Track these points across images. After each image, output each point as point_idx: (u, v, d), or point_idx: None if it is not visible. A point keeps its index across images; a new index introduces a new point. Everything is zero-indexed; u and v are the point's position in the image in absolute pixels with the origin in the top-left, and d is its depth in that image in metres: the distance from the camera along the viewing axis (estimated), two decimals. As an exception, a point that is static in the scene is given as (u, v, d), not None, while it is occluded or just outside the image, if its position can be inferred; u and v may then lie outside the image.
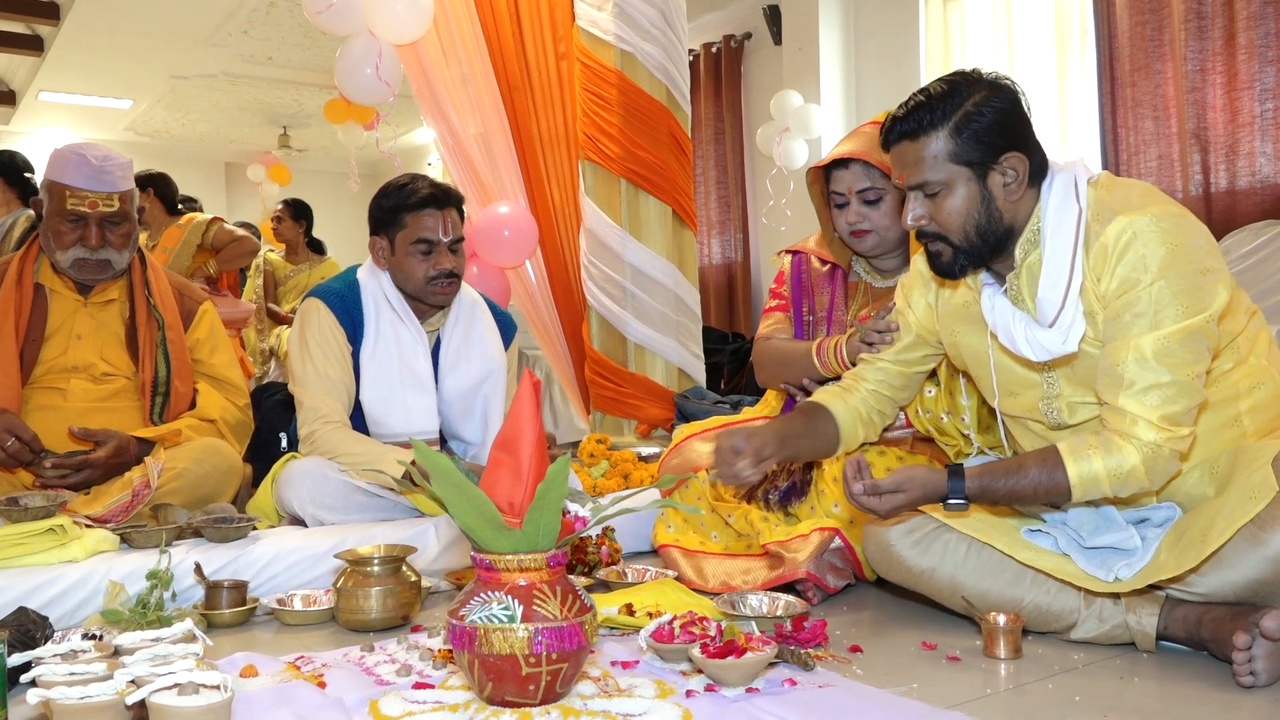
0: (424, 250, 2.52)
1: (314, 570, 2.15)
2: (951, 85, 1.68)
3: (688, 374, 3.98)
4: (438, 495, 1.37)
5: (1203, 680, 1.52)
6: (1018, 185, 1.67)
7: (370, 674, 1.62)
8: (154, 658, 1.44)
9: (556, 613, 1.38)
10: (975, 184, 1.67)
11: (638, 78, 3.87)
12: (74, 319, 2.54)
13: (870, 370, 2.02)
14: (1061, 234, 1.64)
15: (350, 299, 2.57)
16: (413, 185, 2.55)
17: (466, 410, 2.63)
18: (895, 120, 1.71)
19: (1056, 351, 1.65)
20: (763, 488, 2.28)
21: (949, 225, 1.69)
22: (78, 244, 2.48)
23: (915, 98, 1.70)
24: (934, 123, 1.65)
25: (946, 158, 1.66)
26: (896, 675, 1.58)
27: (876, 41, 6.19)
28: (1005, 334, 1.71)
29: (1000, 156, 1.66)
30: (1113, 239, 1.58)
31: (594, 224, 3.90)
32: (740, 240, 7.15)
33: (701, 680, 1.53)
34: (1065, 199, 1.66)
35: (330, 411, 2.46)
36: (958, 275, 1.75)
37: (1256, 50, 4.23)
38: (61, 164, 2.49)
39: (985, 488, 1.67)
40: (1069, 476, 1.61)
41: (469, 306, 2.70)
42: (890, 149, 1.74)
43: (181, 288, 2.76)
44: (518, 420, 1.44)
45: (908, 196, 1.73)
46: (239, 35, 7.67)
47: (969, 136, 1.64)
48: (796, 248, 2.55)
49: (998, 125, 1.65)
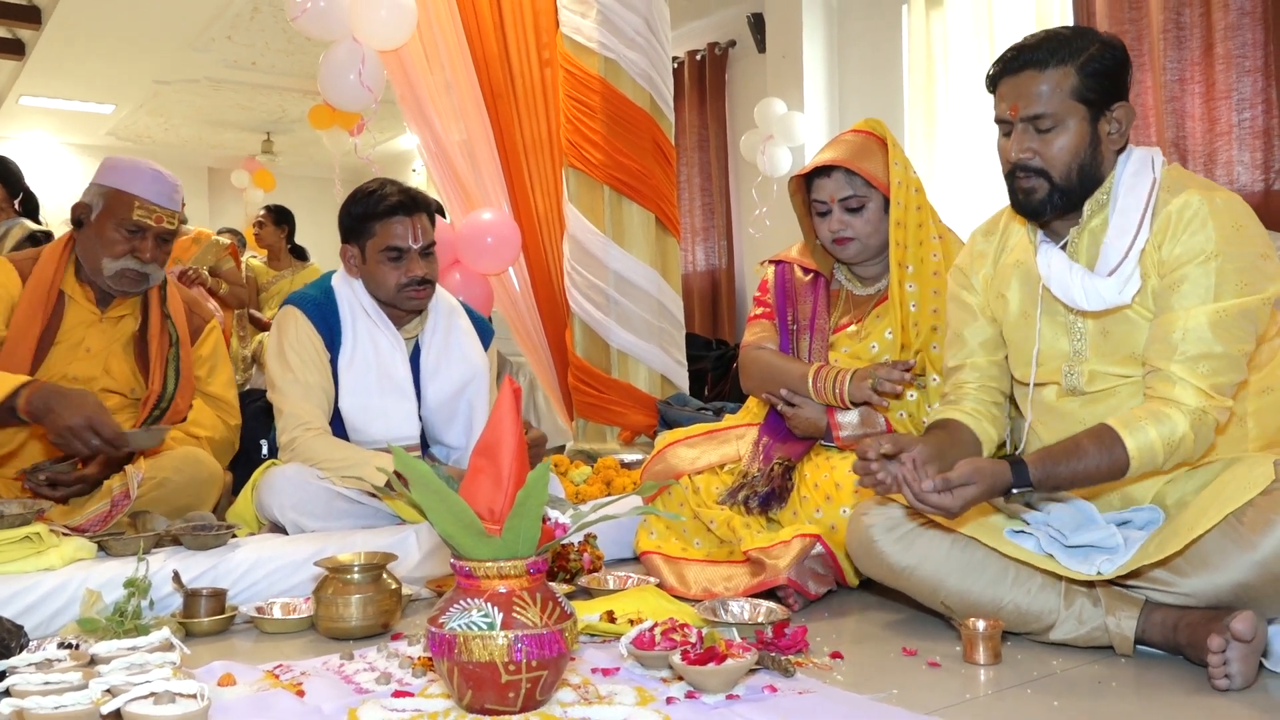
0: (394, 257, 2.50)
1: (294, 578, 2.14)
2: (1077, 30, 1.74)
3: (671, 380, 3.98)
4: (417, 502, 1.37)
5: (1179, 685, 1.53)
6: (1120, 136, 1.73)
7: (349, 682, 1.61)
8: (130, 666, 1.43)
9: (536, 620, 1.37)
10: (1088, 125, 1.71)
11: (621, 85, 3.87)
12: (87, 331, 2.50)
13: (967, 373, 1.96)
14: (1136, 194, 1.70)
15: (327, 306, 2.56)
16: (381, 192, 2.52)
17: (450, 416, 2.63)
18: (1023, 49, 1.73)
19: (1111, 301, 1.68)
20: (744, 493, 2.28)
21: (1055, 161, 1.71)
22: (129, 255, 2.45)
23: (1039, 34, 1.74)
24: (1064, 56, 1.69)
25: (1068, 93, 1.69)
26: (877, 681, 1.59)
27: (860, 49, 6.22)
28: (1060, 284, 1.74)
29: (1113, 104, 1.71)
30: (1177, 209, 1.65)
31: (577, 230, 3.90)
32: (724, 247, 7.16)
33: (682, 687, 1.52)
34: (1141, 168, 1.73)
35: (311, 418, 2.45)
36: (1047, 214, 1.77)
37: (1234, 60, 4.27)
38: (133, 174, 2.47)
39: (1049, 473, 1.65)
40: (1127, 450, 1.61)
41: (447, 313, 2.69)
42: (1006, 78, 1.75)
43: (191, 304, 2.74)
44: (498, 427, 1.44)
45: (1015, 129, 1.74)
46: (222, 40, 7.64)
47: (1091, 75, 1.69)
48: (780, 257, 2.56)
49: (1115, 73, 1.71)
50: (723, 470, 2.38)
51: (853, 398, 2.18)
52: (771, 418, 2.38)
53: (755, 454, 2.34)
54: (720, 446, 2.43)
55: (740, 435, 2.44)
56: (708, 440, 2.46)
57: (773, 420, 2.37)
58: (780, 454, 2.30)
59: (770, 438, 2.35)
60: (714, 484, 2.35)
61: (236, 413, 2.75)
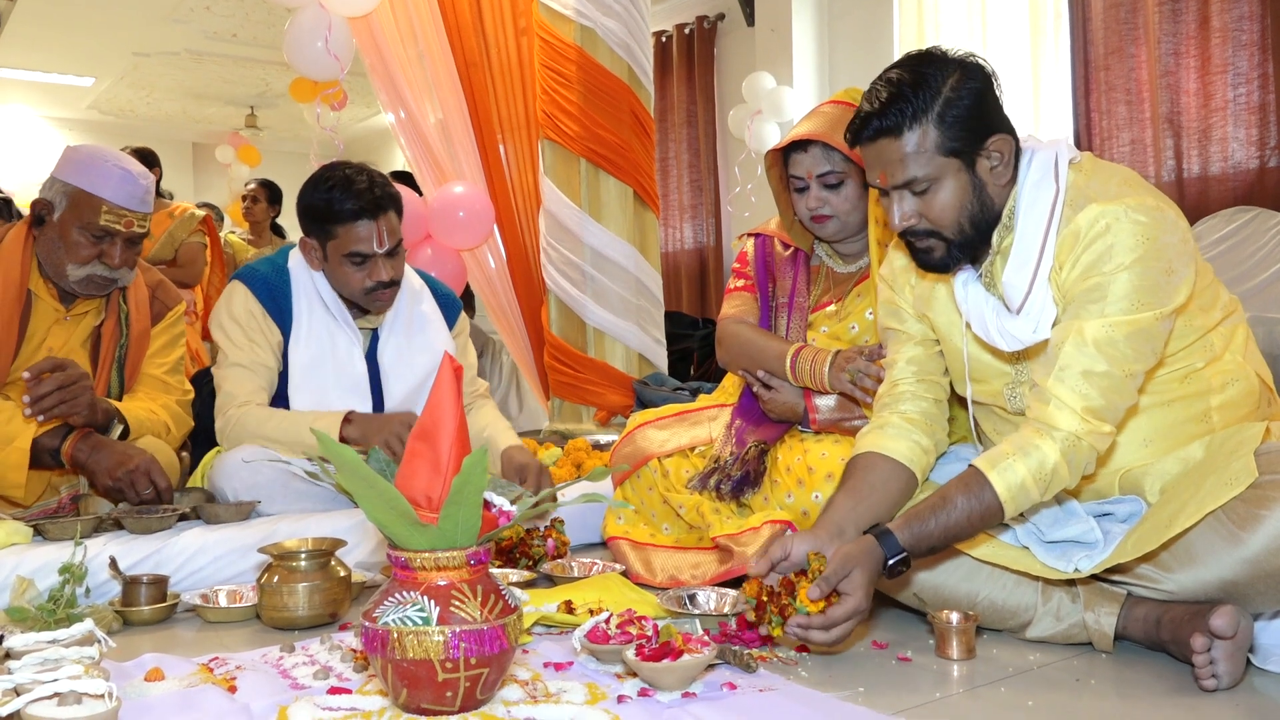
0: (359, 262, 2.36)
1: (241, 564, 2.05)
2: (920, 73, 1.54)
3: (649, 360, 3.89)
4: (344, 489, 1.27)
5: (1162, 682, 1.45)
6: (1005, 168, 1.57)
7: (286, 677, 1.52)
8: (43, 662, 1.34)
9: (476, 615, 1.28)
10: (965, 173, 1.55)
11: (598, 54, 3.76)
12: (50, 330, 2.37)
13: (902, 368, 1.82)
14: (1035, 214, 1.55)
15: (278, 285, 2.44)
16: (343, 190, 2.32)
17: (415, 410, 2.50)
18: (870, 117, 1.55)
19: (1028, 340, 1.55)
20: (715, 477, 2.19)
21: (942, 220, 1.56)
22: (97, 260, 2.29)
23: (883, 89, 1.55)
24: (916, 115, 1.51)
25: (934, 150, 1.53)
26: (843, 678, 1.50)
27: (850, 23, 6.11)
28: (979, 323, 1.62)
29: (986, 140, 1.55)
30: (1085, 226, 1.49)
31: (553, 205, 3.80)
32: (712, 224, 7.06)
33: (636, 684, 1.44)
34: (1043, 178, 1.56)
35: (249, 396, 2.35)
36: (951, 270, 1.64)
37: (1230, 34, 4.17)
38: (100, 175, 2.27)
39: (918, 535, 1.53)
40: (998, 493, 1.50)
41: (410, 299, 2.56)
42: (864, 146, 1.59)
43: (157, 288, 2.57)
44: (436, 409, 1.35)
45: (892, 197, 1.58)
46: (201, 11, 7.51)
47: (953, 124, 1.52)
48: (759, 230, 2.46)
49: (978, 108, 1.53)
50: (693, 453, 2.29)
51: (832, 385, 2.09)
52: (745, 400, 2.28)
53: (728, 437, 2.25)
54: (692, 429, 2.33)
55: (713, 417, 2.35)
56: (679, 422, 2.37)
57: (746, 402, 2.28)
58: (754, 438, 2.21)
59: (744, 420, 2.25)
60: (684, 467, 2.26)
61: (186, 391, 2.60)
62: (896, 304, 1.84)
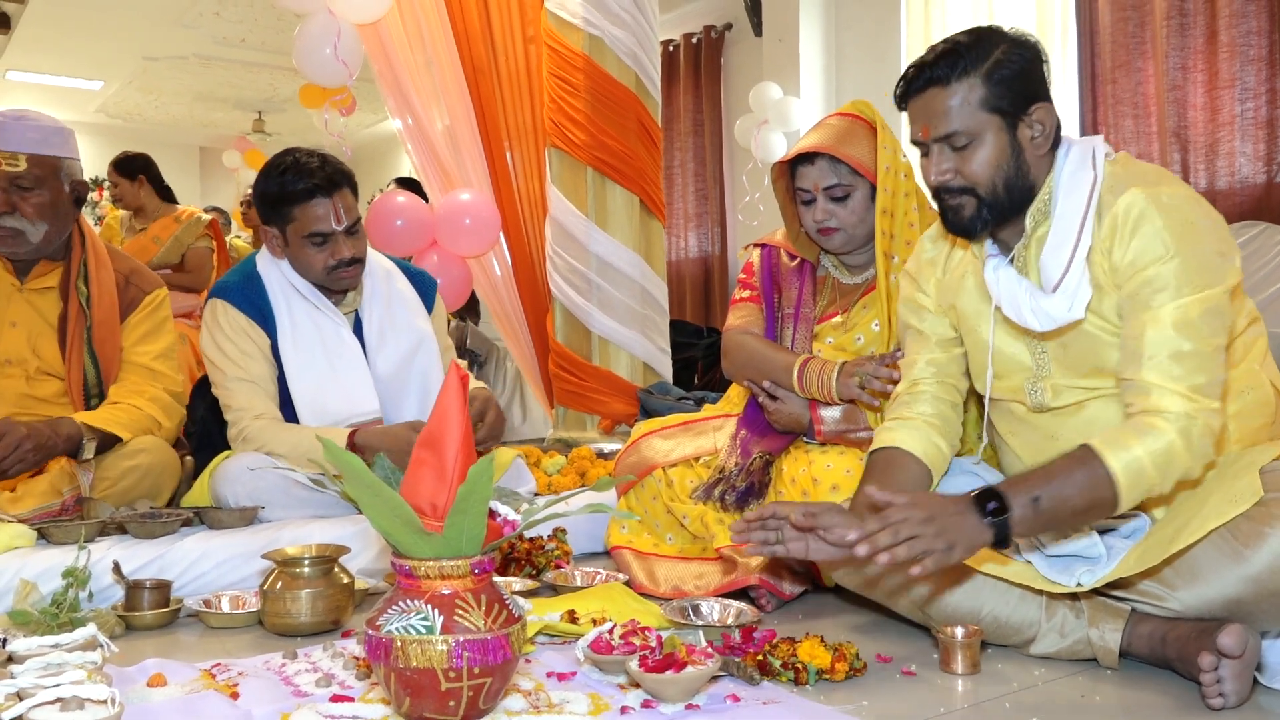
0: (319, 242, 2.37)
1: (244, 570, 2.05)
2: (977, 35, 1.61)
3: (653, 368, 3.88)
4: (349, 496, 1.27)
5: (1168, 699, 1.44)
6: (1044, 139, 1.61)
7: (289, 684, 1.52)
8: (48, 667, 1.34)
9: (480, 624, 1.28)
10: (1006, 134, 1.59)
11: (606, 63, 3.76)
12: (7, 304, 2.34)
13: (922, 368, 1.83)
14: (1074, 198, 1.58)
15: (253, 290, 2.44)
16: (295, 171, 2.35)
17: (402, 387, 2.51)
18: (923, 66, 1.61)
19: (1062, 319, 1.56)
20: (720, 488, 2.19)
21: (978, 177, 1.59)
22: None
23: (940, 46, 1.61)
24: (966, 68, 1.57)
25: (978, 105, 1.57)
26: (847, 691, 1.50)
27: (857, 34, 6.11)
28: (1010, 303, 1.62)
29: (1030, 107, 1.59)
30: (1123, 210, 1.53)
31: (559, 213, 3.80)
32: (717, 234, 7.06)
33: (639, 695, 1.43)
34: (1081, 166, 1.60)
35: (263, 410, 2.36)
36: (979, 232, 1.65)
37: (1238, 49, 4.16)
38: None
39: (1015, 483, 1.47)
40: (1111, 471, 1.43)
41: (384, 278, 2.57)
42: (913, 99, 1.64)
43: (131, 274, 2.54)
44: (443, 416, 1.34)
45: (931, 150, 1.62)
46: (210, 16, 7.53)
47: (1000, 83, 1.57)
48: (765, 241, 2.45)
49: (1026, 74, 1.59)
50: (697, 463, 2.29)
51: (840, 394, 2.09)
52: (750, 410, 2.28)
53: (733, 448, 2.24)
54: (696, 439, 2.33)
55: (718, 427, 2.34)
56: (684, 431, 2.37)
57: (751, 413, 2.27)
58: (759, 449, 2.21)
59: (749, 431, 2.25)
60: (688, 477, 2.26)
61: (176, 380, 2.55)
62: (918, 301, 1.85)
